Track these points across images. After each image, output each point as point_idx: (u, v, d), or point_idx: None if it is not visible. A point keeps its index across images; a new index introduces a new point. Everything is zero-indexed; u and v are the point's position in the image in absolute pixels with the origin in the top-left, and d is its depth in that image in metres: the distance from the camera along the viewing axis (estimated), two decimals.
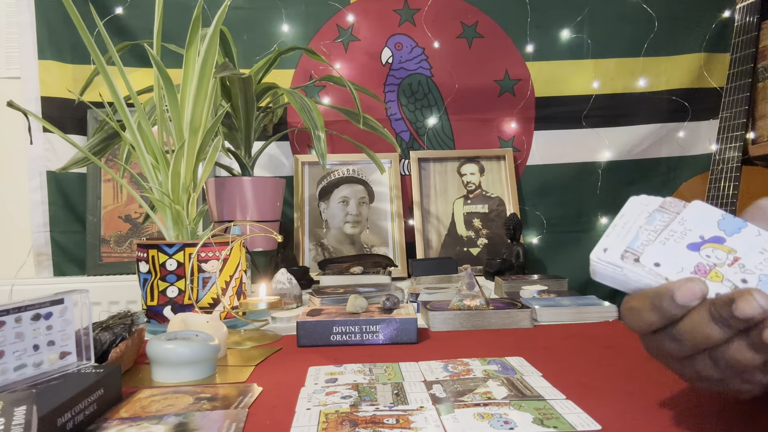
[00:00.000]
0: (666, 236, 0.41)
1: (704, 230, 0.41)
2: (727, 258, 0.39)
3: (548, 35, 1.70)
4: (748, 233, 0.40)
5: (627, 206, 0.44)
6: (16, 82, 1.62)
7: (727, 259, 0.39)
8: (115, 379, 0.56)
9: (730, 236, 0.40)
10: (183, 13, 1.57)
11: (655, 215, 0.42)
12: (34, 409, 0.41)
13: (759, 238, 0.40)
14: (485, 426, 0.47)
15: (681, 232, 0.41)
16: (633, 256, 0.41)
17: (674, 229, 0.41)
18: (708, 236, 0.40)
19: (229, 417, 0.51)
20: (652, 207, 0.43)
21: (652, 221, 0.42)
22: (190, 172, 0.96)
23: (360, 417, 0.49)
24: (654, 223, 0.42)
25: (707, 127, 1.70)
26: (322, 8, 1.68)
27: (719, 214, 0.41)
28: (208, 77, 0.96)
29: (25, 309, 0.53)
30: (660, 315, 0.38)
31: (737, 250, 0.39)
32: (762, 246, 0.39)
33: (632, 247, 0.41)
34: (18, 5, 1.60)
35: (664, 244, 0.41)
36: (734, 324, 0.35)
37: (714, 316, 0.35)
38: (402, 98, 1.72)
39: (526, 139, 1.73)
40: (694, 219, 0.41)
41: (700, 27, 1.69)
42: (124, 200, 1.63)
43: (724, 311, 0.34)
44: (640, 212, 0.43)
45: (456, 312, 0.87)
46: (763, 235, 0.40)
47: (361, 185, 1.66)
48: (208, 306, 0.89)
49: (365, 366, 0.66)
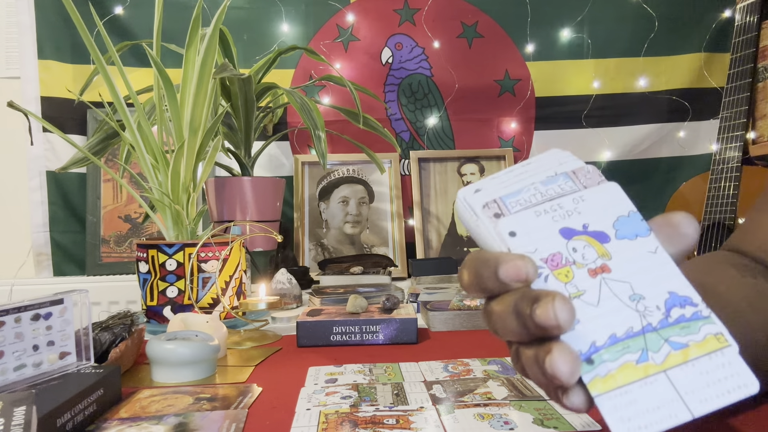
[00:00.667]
0: (546, 208, 0.33)
1: (594, 219, 0.32)
2: (594, 261, 0.31)
3: (548, 35, 1.70)
4: (642, 245, 0.32)
5: (542, 156, 0.36)
6: (15, 82, 1.62)
7: (593, 263, 0.31)
8: (114, 379, 0.56)
9: (618, 239, 0.32)
10: (183, 13, 1.57)
11: (558, 179, 0.34)
12: (34, 409, 0.41)
13: (651, 256, 0.31)
14: (485, 426, 0.47)
15: (566, 211, 0.33)
16: (496, 210, 0.33)
17: (562, 205, 0.33)
18: (592, 228, 0.32)
19: (229, 417, 0.51)
20: (563, 168, 0.35)
21: (550, 183, 0.34)
22: (190, 172, 0.96)
23: (360, 417, 0.49)
24: (550, 186, 0.34)
25: (707, 127, 1.70)
26: (322, 8, 1.68)
27: (626, 210, 0.32)
28: (208, 77, 0.96)
29: (24, 309, 0.53)
30: (477, 283, 0.32)
31: (613, 259, 0.31)
32: (646, 266, 0.31)
33: (504, 201, 0.33)
34: (18, 5, 1.60)
35: (538, 216, 0.33)
36: (531, 327, 0.29)
37: (516, 308, 0.30)
38: (402, 98, 1.72)
39: (527, 139, 1.72)
40: (593, 203, 0.33)
41: (700, 27, 1.69)
42: (124, 200, 1.63)
43: (525, 308, 0.29)
44: (548, 168, 0.35)
45: (456, 312, 0.87)
46: (658, 255, 0.31)
47: (361, 185, 1.65)
48: (208, 306, 0.89)
49: (365, 366, 0.66)
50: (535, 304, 0.28)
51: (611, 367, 0.29)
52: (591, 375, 0.29)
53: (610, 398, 0.28)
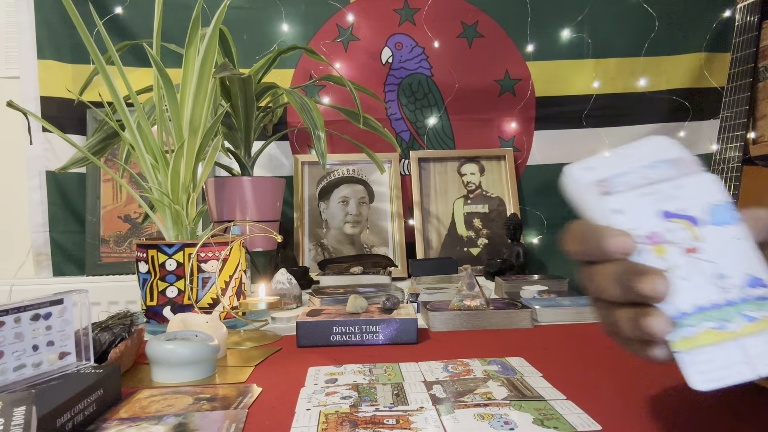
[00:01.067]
0: (649, 191, 0.37)
1: (690, 205, 0.37)
2: (687, 242, 0.36)
3: (549, 35, 1.70)
4: (729, 232, 0.36)
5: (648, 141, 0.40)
6: (15, 82, 1.62)
7: (686, 243, 0.36)
8: (114, 379, 0.56)
9: (709, 224, 0.36)
10: (183, 13, 1.57)
11: (661, 165, 0.38)
12: (34, 409, 0.41)
13: (737, 242, 0.36)
14: (485, 426, 0.47)
15: (667, 196, 0.37)
16: (603, 189, 0.37)
17: (663, 190, 0.37)
18: (688, 212, 0.37)
19: (229, 417, 0.51)
20: (667, 155, 0.39)
21: (653, 168, 0.38)
22: (190, 172, 0.96)
23: (360, 417, 0.49)
24: (653, 170, 0.38)
25: (708, 127, 1.69)
26: (322, 8, 1.68)
27: (720, 200, 0.37)
28: (208, 77, 0.96)
29: (24, 309, 0.53)
30: (582, 249, 0.37)
31: (703, 241, 0.36)
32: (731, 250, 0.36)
33: (611, 181, 0.38)
34: (17, 5, 1.60)
35: (641, 197, 0.37)
36: (631, 294, 0.35)
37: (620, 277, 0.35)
38: (402, 98, 1.71)
39: (527, 139, 1.72)
40: (691, 190, 0.37)
41: (700, 27, 1.69)
42: (124, 200, 1.63)
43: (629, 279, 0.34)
44: (653, 154, 0.39)
45: (456, 312, 0.87)
46: (742, 242, 0.36)
47: (361, 185, 1.65)
48: (208, 306, 0.89)
49: (365, 366, 0.66)
50: (641, 277, 0.34)
51: (694, 331, 0.35)
52: (677, 335, 0.35)
53: (690, 355, 0.34)
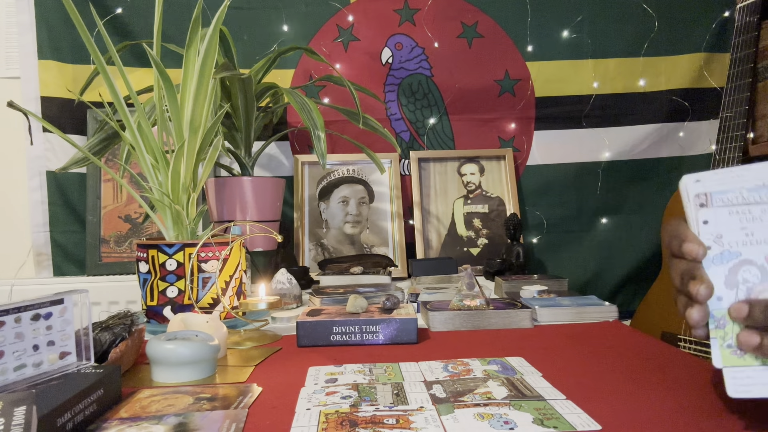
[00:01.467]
0: (739, 210, 0.43)
1: None
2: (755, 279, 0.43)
3: (548, 35, 1.70)
4: None
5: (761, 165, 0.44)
6: (15, 82, 1.62)
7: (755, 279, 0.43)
8: (114, 379, 0.56)
9: None
10: (183, 13, 1.57)
11: (762, 190, 0.43)
12: (34, 409, 0.41)
13: None
14: (485, 426, 0.47)
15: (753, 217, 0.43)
16: (702, 201, 0.44)
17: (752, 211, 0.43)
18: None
19: (229, 417, 0.51)
20: None
21: (755, 191, 0.43)
22: (190, 172, 0.96)
23: (360, 417, 0.49)
24: (753, 193, 0.43)
25: (707, 127, 1.70)
26: (322, 8, 1.68)
27: None
28: (208, 77, 0.96)
29: (24, 309, 0.53)
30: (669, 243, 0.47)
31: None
32: None
33: (712, 196, 0.43)
34: (18, 5, 1.60)
35: (730, 215, 0.43)
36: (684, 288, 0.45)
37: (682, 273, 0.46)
38: (402, 98, 1.72)
39: (526, 139, 1.72)
40: None
41: (700, 27, 1.69)
42: (124, 200, 1.63)
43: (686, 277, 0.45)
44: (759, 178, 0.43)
45: (456, 312, 0.87)
46: None
47: (361, 185, 1.65)
48: (208, 306, 0.89)
49: (365, 366, 0.66)
50: (693, 280, 0.44)
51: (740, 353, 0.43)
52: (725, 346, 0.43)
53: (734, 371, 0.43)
